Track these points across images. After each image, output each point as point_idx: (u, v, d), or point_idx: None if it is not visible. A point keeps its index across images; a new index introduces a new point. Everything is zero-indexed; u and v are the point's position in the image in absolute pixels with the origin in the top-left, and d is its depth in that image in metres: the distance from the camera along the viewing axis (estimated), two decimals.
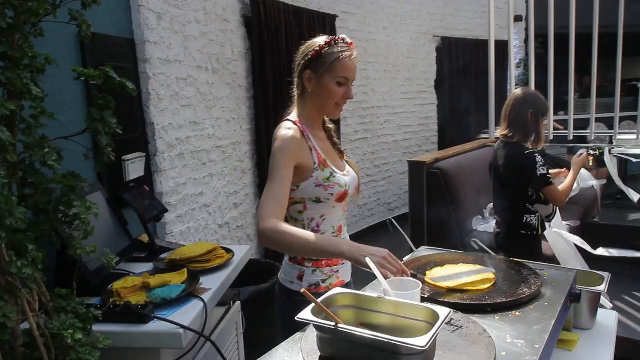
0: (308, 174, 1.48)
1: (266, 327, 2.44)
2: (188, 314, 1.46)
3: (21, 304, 1.01)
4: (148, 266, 1.86)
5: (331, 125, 1.66)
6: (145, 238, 2.10)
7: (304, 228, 1.53)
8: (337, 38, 1.49)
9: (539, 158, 2.33)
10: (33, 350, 1.03)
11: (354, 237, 5.83)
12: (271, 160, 1.44)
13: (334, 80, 1.47)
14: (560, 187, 2.39)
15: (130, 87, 1.24)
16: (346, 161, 1.66)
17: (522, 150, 2.37)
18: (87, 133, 1.25)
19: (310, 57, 1.48)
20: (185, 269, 1.71)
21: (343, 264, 1.59)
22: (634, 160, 4.54)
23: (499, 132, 2.52)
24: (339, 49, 1.47)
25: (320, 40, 1.49)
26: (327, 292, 1.07)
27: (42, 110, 1.10)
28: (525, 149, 2.37)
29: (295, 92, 1.58)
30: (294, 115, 1.56)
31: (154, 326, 1.40)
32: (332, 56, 1.46)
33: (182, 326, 1.38)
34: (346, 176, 1.56)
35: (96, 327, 1.33)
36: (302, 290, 0.99)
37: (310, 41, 1.52)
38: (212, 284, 1.69)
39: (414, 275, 1.26)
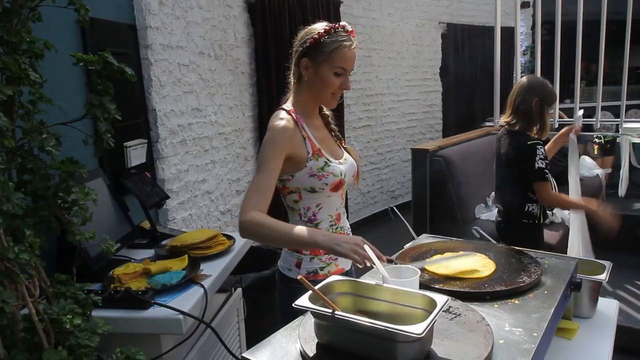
0: (302, 164, 1.46)
1: (267, 314, 2.46)
2: (188, 300, 1.47)
3: (20, 290, 1.02)
4: (149, 252, 1.87)
5: (328, 112, 1.63)
6: (146, 224, 2.10)
7: (300, 217, 1.53)
8: (337, 26, 1.45)
9: (539, 150, 2.30)
10: (33, 335, 1.04)
11: (357, 225, 5.79)
12: (261, 151, 1.43)
13: (331, 70, 1.44)
14: (556, 193, 2.38)
15: (129, 72, 1.23)
16: (344, 147, 1.64)
17: (525, 141, 2.33)
18: (89, 119, 1.25)
19: (308, 44, 1.44)
20: (186, 256, 1.72)
21: None
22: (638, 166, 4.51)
23: (503, 119, 2.49)
24: (339, 37, 1.43)
25: (320, 27, 1.45)
26: (325, 279, 1.07)
27: (40, 96, 1.09)
28: (528, 139, 2.33)
29: (292, 79, 1.55)
30: (288, 103, 1.54)
31: (154, 312, 1.40)
32: (332, 45, 1.42)
33: (181, 312, 1.39)
34: (342, 164, 1.54)
35: (97, 313, 1.33)
36: (298, 277, 0.99)
37: (309, 27, 1.48)
38: (213, 270, 1.69)
39: (390, 261, 1.25)
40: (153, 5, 2.50)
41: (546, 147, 2.40)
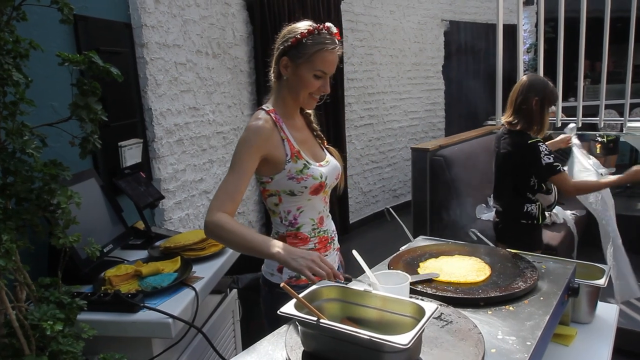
0: (280, 166, 1.42)
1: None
2: (179, 303, 1.45)
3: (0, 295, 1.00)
4: (143, 254, 1.84)
5: (310, 111, 1.58)
6: (141, 225, 2.08)
7: (281, 220, 1.50)
8: (321, 27, 1.39)
9: (542, 147, 2.26)
10: (15, 341, 1.02)
11: (358, 224, 5.72)
12: (235, 151, 1.39)
13: (311, 72, 1.40)
14: (578, 180, 2.34)
15: (114, 72, 1.20)
16: (326, 148, 1.60)
17: (525, 140, 2.29)
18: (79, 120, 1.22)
19: (290, 43, 1.40)
20: (179, 257, 1.69)
21: (326, 254, 1.54)
22: None
23: (504, 118, 2.45)
24: (322, 40, 1.38)
25: (303, 27, 1.40)
26: (309, 284, 1.04)
27: (21, 97, 1.06)
28: (528, 138, 2.30)
29: (272, 77, 1.51)
30: (269, 103, 1.50)
31: (143, 315, 1.38)
32: (313, 48, 1.37)
33: (171, 316, 1.36)
34: (323, 167, 1.50)
35: (86, 316, 1.32)
36: (281, 285, 0.96)
37: (293, 25, 1.43)
38: (206, 272, 1.67)
39: (347, 279, 1.21)
40: (149, 3, 2.47)
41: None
